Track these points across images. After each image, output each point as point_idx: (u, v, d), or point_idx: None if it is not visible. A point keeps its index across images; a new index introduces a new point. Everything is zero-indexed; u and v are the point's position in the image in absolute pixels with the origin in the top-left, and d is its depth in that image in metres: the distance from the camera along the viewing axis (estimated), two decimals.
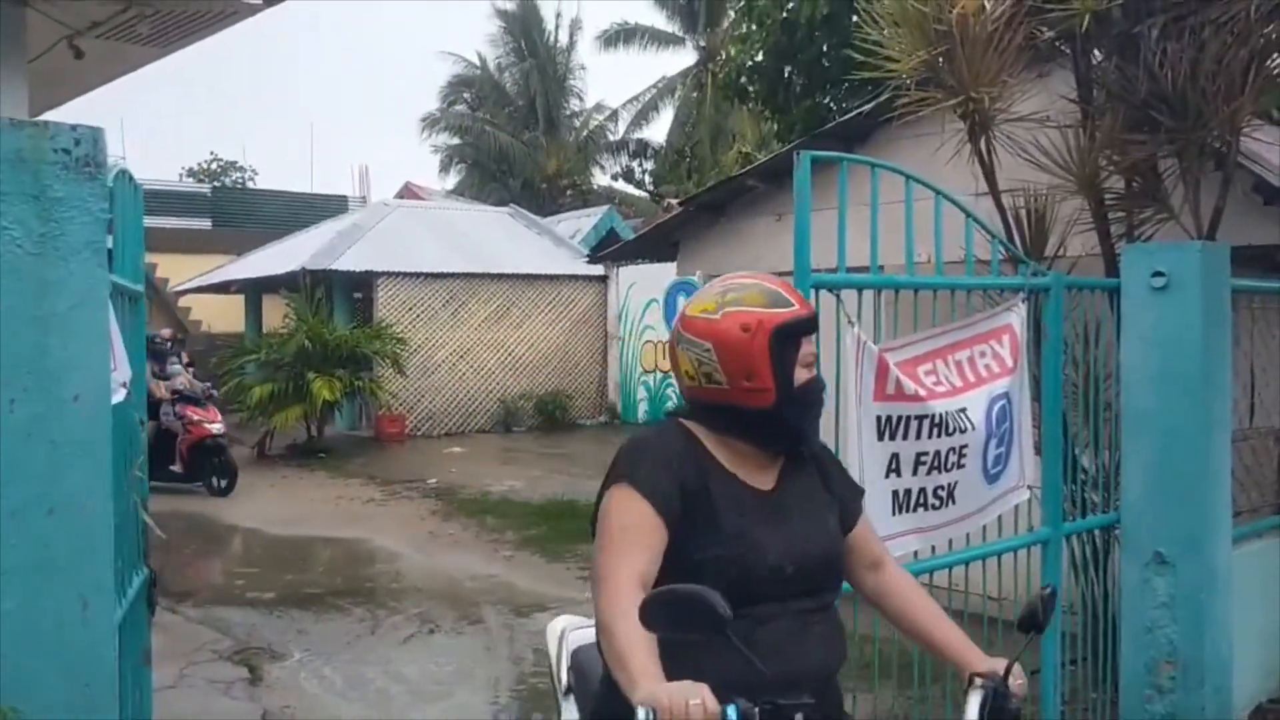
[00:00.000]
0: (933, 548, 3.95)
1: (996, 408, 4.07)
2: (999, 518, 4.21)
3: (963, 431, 3.91)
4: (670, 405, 12.47)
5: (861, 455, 3.65)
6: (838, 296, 3.61)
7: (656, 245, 9.39)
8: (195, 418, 11.58)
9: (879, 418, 3.69)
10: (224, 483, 11.64)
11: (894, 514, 3.75)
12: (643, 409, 17.45)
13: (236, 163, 37.54)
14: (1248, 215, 5.41)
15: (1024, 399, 4.23)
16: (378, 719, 5.40)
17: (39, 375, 2.04)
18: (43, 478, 2.07)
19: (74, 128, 2.07)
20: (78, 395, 2.07)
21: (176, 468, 11.58)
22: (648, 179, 34.80)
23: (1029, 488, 4.31)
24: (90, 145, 2.09)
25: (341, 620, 7.11)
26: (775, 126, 13.10)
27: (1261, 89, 4.88)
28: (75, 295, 2.08)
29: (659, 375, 17.17)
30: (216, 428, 11.60)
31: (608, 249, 15.23)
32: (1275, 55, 5.08)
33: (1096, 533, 5.00)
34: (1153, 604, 4.69)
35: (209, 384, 12.68)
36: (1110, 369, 4.85)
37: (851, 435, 3.64)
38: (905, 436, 3.75)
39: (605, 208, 22.12)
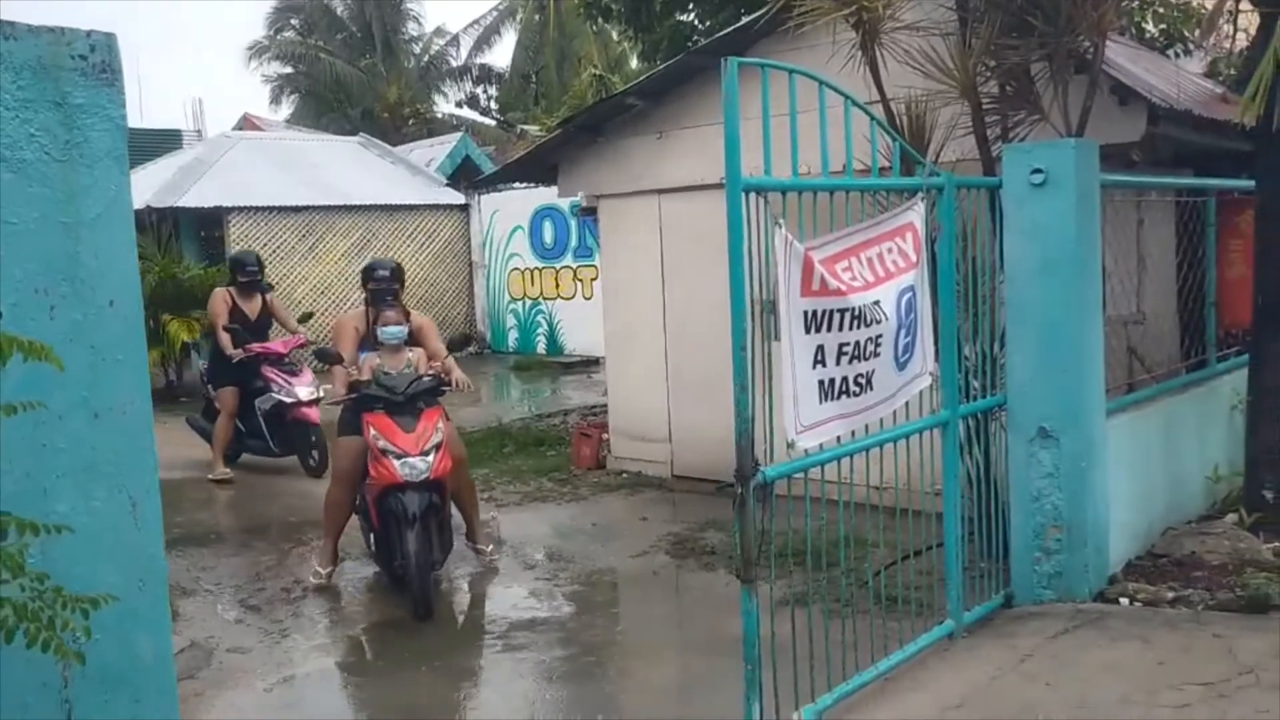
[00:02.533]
0: (853, 432, 4.23)
1: (904, 300, 4.35)
2: (906, 404, 4.53)
3: (878, 323, 4.18)
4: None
5: (792, 348, 3.87)
6: (765, 199, 3.77)
7: (534, 169, 9.38)
8: (290, 391, 8.96)
9: (806, 312, 3.91)
10: (315, 458, 9.02)
11: (821, 401, 3.99)
12: (513, 337, 17.44)
13: None
14: (1107, 116, 5.82)
15: (925, 291, 4.53)
16: (302, 639, 5.43)
17: (74, 283, 2.03)
18: (86, 382, 2.10)
19: (89, 33, 2.03)
20: (113, 301, 2.06)
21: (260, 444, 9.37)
22: (494, 106, 34.26)
23: (930, 374, 4.63)
24: (105, 51, 2.05)
25: (246, 555, 7.04)
26: (637, 46, 13.12)
27: None
28: (102, 202, 2.06)
29: (527, 303, 17.17)
30: (314, 413, 8.98)
31: (480, 177, 15.07)
32: None
33: (982, 415, 5.38)
34: (1039, 475, 5.13)
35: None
36: (991, 264, 5.20)
37: (782, 330, 3.85)
38: (829, 329, 3.99)
39: (459, 135, 21.71)
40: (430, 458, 5.69)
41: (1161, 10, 8.57)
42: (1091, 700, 4.04)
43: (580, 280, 16.44)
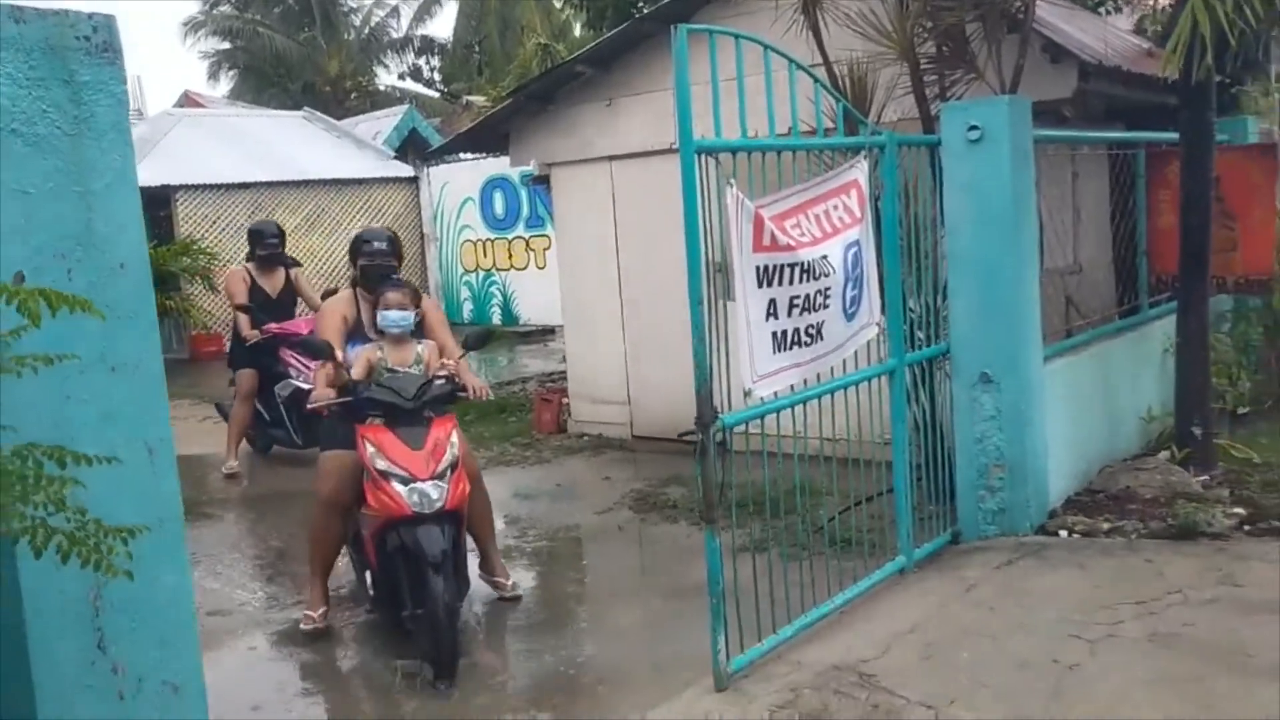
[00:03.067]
0: (805, 381, 4.45)
1: (850, 254, 4.57)
2: (855, 354, 4.76)
3: (826, 276, 4.40)
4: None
5: (745, 302, 4.08)
6: (717, 160, 3.96)
7: (486, 138, 9.48)
8: (310, 377, 8.48)
9: (758, 267, 4.12)
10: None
11: (775, 352, 4.21)
12: (468, 309, 17.51)
13: None
14: (1040, 74, 6.07)
15: (870, 246, 4.75)
16: (274, 592, 5.58)
17: (88, 247, 2.19)
18: (103, 338, 2.25)
19: (90, 16, 2.18)
20: (123, 263, 2.22)
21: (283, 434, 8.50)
22: (437, 77, 34.02)
23: (877, 324, 4.87)
24: (106, 32, 2.20)
25: (216, 526, 7.16)
26: (581, 14, 13.20)
27: None
28: (110, 173, 2.22)
29: (481, 274, 17.24)
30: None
31: (431, 149, 15.05)
32: None
33: (927, 364, 5.64)
34: (981, 418, 5.40)
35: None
36: (932, 218, 5.44)
37: (736, 285, 4.06)
38: (781, 283, 4.20)
39: (405, 107, 21.60)
40: (445, 482, 4.51)
41: None
42: (1032, 621, 4.33)
43: (533, 250, 16.55)
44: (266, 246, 8.38)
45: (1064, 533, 5.40)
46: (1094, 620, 4.26)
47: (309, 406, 4.89)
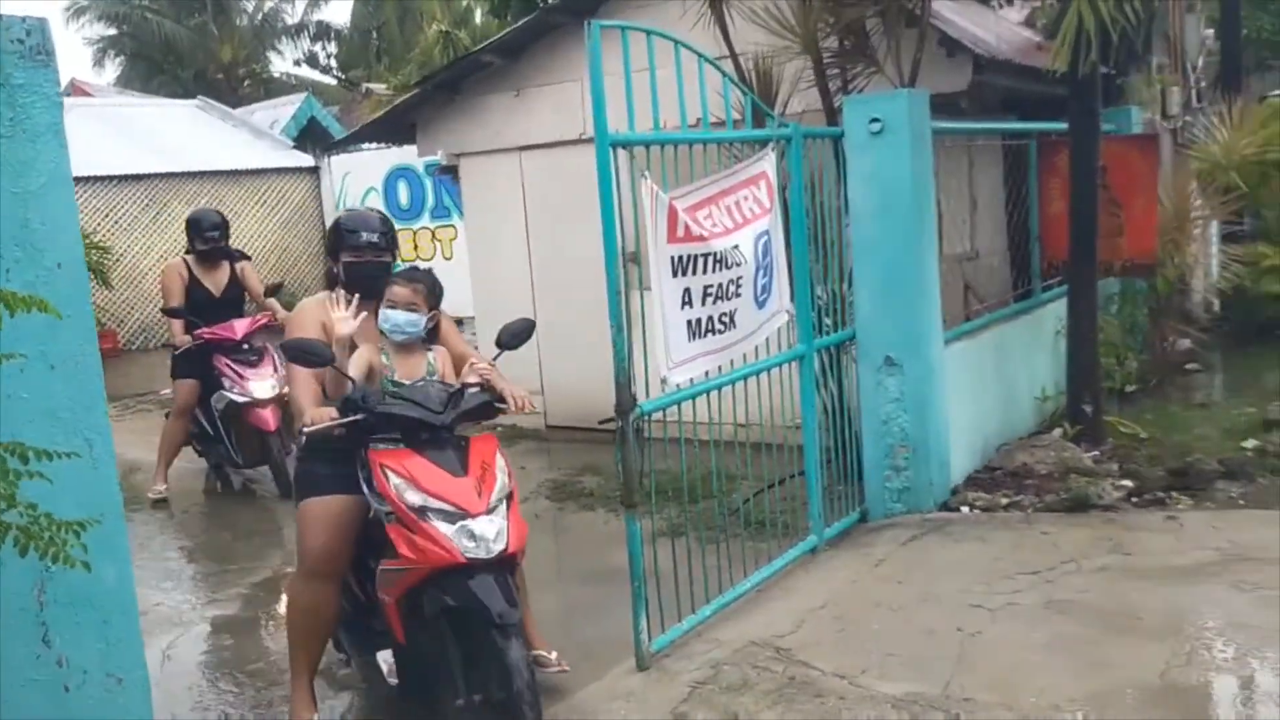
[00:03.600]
0: (719, 368, 4.58)
1: (761, 243, 4.71)
2: (766, 340, 4.90)
3: (738, 265, 4.53)
4: None
5: (661, 291, 4.18)
6: (631, 153, 4.04)
7: (392, 128, 9.41)
8: (243, 387, 7.11)
9: (673, 257, 4.22)
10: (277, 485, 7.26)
11: (690, 340, 4.33)
12: None
13: None
14: (937, 67, 6.30)
15: (779, 235, 4.90)
16: (189, 597, 5.52)
17: (26, 247, 2.21)
18: (41, 336, 2.26)
19: (24, 19, 2.17)
20: (60, 263, 2.22)
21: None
22: (334, 64, 33.42)
23: (787, 312, 5.02)
24: (40, 35, 2.21)
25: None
26: (484, 3, 13.13)
27: None
28: (46, 173, 2.22)
29: None
30: (271, 416, 7.09)
31: (336, 140, 14.81)
32: None
33: (834, 349, 5.82)
34: (886, 400, 5.61)
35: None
36: (837, 208, 5.61)
37: (651, 275, 4.16)
38: (694, 272, 4.31)
39: (303, 95, 21.15)
40: (500, 517, 3.52)
41: None
42: (937, 592, 4.54)
43: (439, 241, 16.41)
44: (206, 239, 7.34)
45: (966, 509, 5.64)
46: (995, 590, 4.48)
47: (305, 431, 3.61)
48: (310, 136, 19.06)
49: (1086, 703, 3.55)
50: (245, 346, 7.24)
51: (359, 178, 17.05)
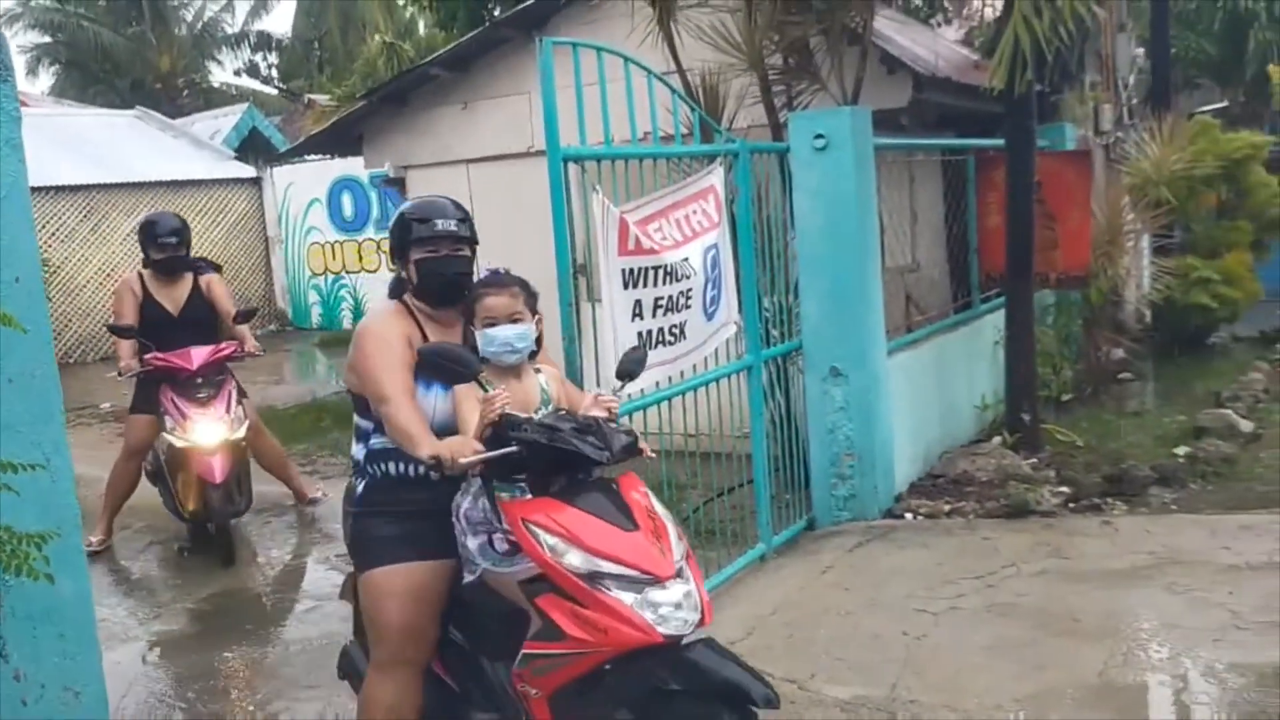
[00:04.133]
0: (669, 378, 4.65)
1: (709, 256, 4.79)
2: (715, 351, 4.99)
3: (688, 278, 4.60)
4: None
5: (612, 303, 4.24)
6: (583, 168, 4.11)
7: (339, 140, 9.38)
8: (182, 428, 5.91)
9: (623, 270, 4.28)
10: (222, 539, 6.13)
11: None
12: (316, 313, 17.13)
13: None
14: (878, 84, 6.44)
15: (727, 248, 4.99)
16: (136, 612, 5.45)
17: None
18: None
19: None
20: (18, 277, 2.20)
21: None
22: (275, 74, 33.10)
23: (735, 323, 5.11)
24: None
25: None
26: (430, 15, 13.14)
27: None
28: (4, 188, 2.20)
29: (330, 277, 16.91)
30: (218, 466, 5.89)
31: (281, 151, 14.70)
32: None
33: (781, 360, 5.92)
34: (832, 409, 5.71)
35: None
36: (783, 221, 5.72)
37: (603, 287, 4.22)
38: (645, 285, 4.38)
39: (245, 106, 20.98)
40: (689, 579, 2.81)
41: None
42: (883, 597, 4.64)
43: (384, 252, 16.31)
44: (162, 246, 6.13)
45: (910, 515, 5.77)
46: (938, 595, 4.60)
47: (445, 470, 2.81)
48: (252, 147, 18.89)
49: (1027, 703, 3.66)
50: (199, 380, 6.00)
51: (302, 189, 16.94)
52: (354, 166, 14.67)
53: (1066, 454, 6.63)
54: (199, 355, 6.00)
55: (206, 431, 5.89)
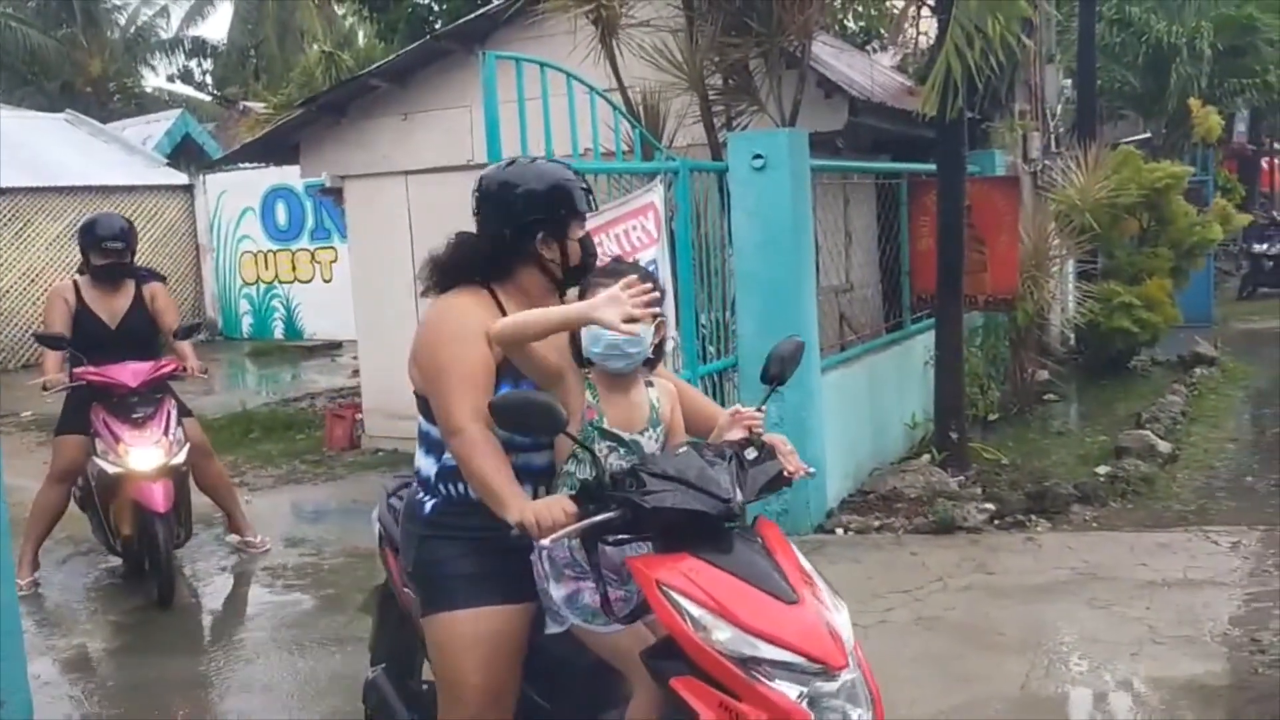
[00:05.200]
0: None
1: (649, 272, 4.83)
2: None
3: None
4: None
5: None
6: None
7: (275, 148, 9.28)
8: (115, 454, 5.34)
9: None
10: (160, 576, 5.41)
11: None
12: (247, 323, 16.87)
13: None
14: (815, 107, 6.57)
15: (666, 264, 5.04)
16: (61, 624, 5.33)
17: None
18: None
19: None
20: None
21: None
22: (209, 80, 32.63)
23: (673, 339, 5.16)
24: None
25: None
26: (371, 25, 13.08)
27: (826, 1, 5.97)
28: None
29: (262, 287, 16.67)
30: (159, 494, 5.30)
31: (217, 159, 14.48)
32: None
33: (718, 375, 5.99)
34: (767, 425, 5.76)
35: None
36: (721, 239, 5.80)
37: None
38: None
39: (178, 112, 20.66)
40: (858, 668, 2.26)
41: (860, 9, 9.58)
42: None
43: (319, 263, 16.19)
44: (105, 250, 5.57)
45: (840, 530, 5.86)
46: (868, 608, 4.68)
47: (542, 546, 2.34)
48: (185, 154, 18.60)
49: (954, 714, 3.75)
50: (135, 399, 5.44)
51: (235, 197, 16.71)
52: (289, 175, 14.53)
53: (992, 472, 6.78)
54: (139, 372, 5.44)
55: (143, 457, 5.32)
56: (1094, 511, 6.04)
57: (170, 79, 31.35)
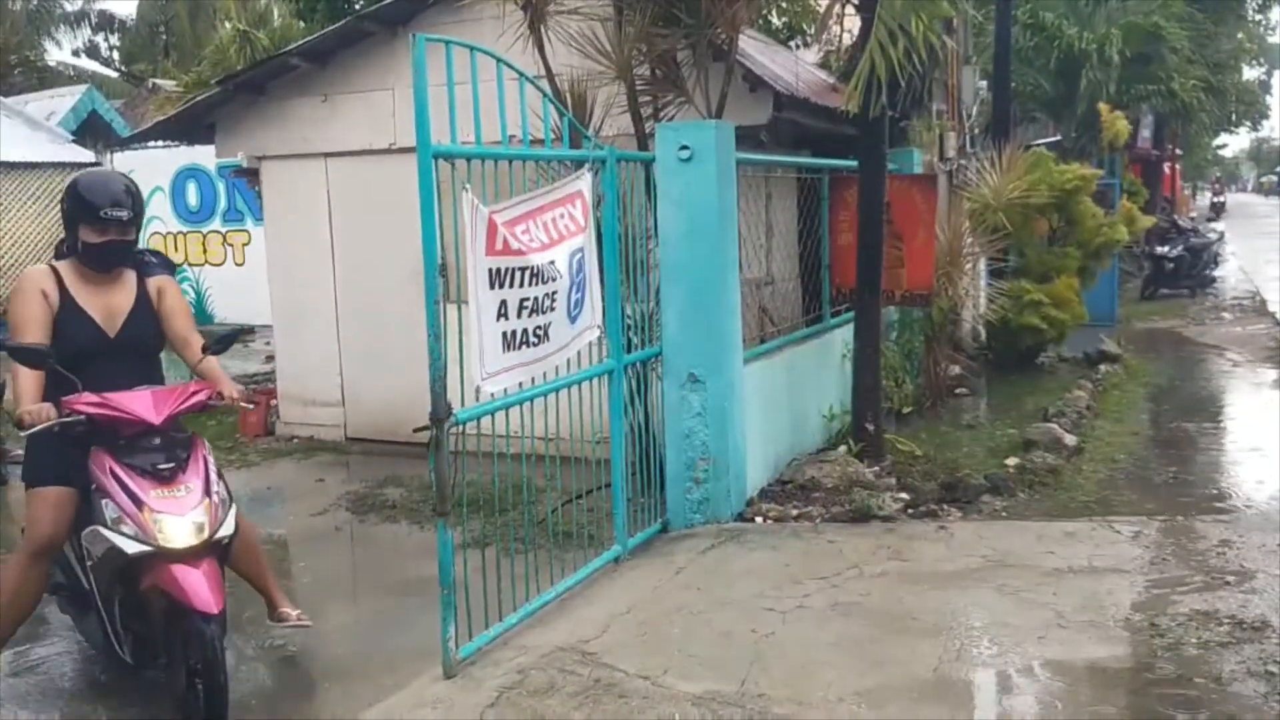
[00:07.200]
0: (533, 379, 4.68)
1: (575, 260, 4.84)
2: (578, 354, 5.04)
3: (553, 280, 4.64)
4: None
5: (478, 302, 4.25)
6: (453, 166, 4.11)
7: (189, 127, 9.03)
8: (139, 524, 3.65)
9: (490, 270, 4.30)
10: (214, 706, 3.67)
11: (504, 351, 4.40)
12: None
13: None
14: (741, 101, 6.63)
15: (593, 253, 5.05)
16: None
17: None
18: None
19: None
20: None
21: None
22: (117, 56, 31.67)
23: (598, 328, 5.17)
24: None
25: None
26: (289, 4, 12.81)
27: None
28: None
29: None
30: (205, 590, 3.62)
31: (127, 136, 14.02)
32: None
33: (642, 366, 6.02)
34: (689, 415, 5.84)
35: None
36: (647, 230, 5.82)
37: (469, 286, 4.22)
38: (511, 285, 4.40)
39: (84, 87, 20.01)
40: None
41: (785, 5, 9.69)
42: (733, 597, 4.78)
43: (231, 245, 15.84)
44: (105, 225, 3.97)
45: (760, 519, 5.94)
46: (786, 595, 4.76)
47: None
48: (91, 130, 18.02)
49: (868, 696, 3.84)
50: (158, 440, 3.84)
51: (145, 176, 16.19)
52: (200, 155, 14.20)
53: (906, 463, 6.94)
54: (161, 402, 3.87)
55: (180, 529, 3.68)
56: (1004, 501, 6.22)
57: (75, 54, 30.42)
